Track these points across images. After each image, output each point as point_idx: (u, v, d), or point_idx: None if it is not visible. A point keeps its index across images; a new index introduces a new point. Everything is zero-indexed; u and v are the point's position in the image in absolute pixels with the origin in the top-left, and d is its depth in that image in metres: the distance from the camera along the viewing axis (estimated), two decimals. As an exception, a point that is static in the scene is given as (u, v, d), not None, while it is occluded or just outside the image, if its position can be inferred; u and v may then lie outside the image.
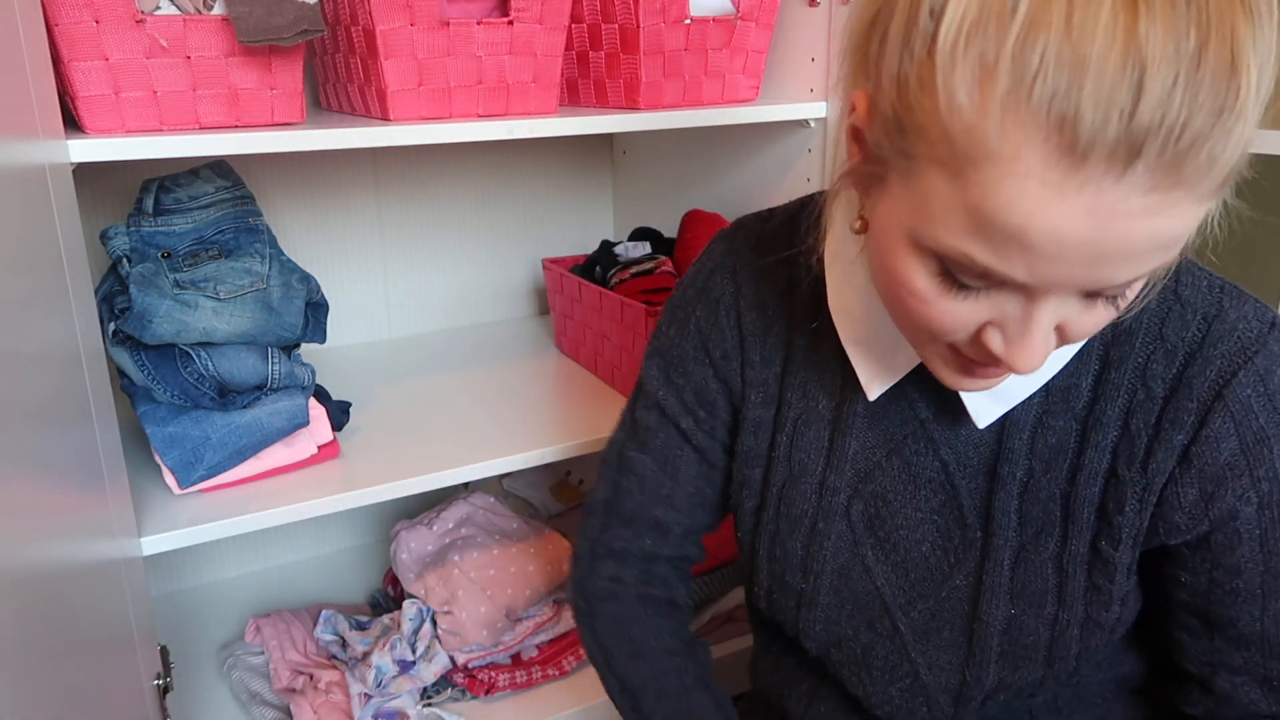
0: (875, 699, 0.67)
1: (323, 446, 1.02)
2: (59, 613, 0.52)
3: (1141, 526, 0.59)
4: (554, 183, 1.55)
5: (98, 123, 0.82)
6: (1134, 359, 0.58)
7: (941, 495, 0.63)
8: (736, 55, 1.11)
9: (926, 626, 0.64)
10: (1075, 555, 0.60)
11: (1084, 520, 0.60)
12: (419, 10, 0.90)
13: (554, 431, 1.10)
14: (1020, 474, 0.61)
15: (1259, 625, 0.59)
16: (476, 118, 0.97)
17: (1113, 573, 0.59)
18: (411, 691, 1.13)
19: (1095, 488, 0.59)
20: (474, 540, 1.25)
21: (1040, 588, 0.61)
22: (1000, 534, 0.61)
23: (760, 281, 0.68)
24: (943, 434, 0.62)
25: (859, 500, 0.65)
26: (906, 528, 0.64)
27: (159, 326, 0.90)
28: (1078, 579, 0.60)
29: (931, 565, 0.64)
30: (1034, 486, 0.60)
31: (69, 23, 0.78)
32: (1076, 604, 0.60)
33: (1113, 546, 0.59)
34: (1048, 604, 0.61)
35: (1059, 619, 0.60)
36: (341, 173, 1.37)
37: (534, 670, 1.20)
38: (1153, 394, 0.57)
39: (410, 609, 1.17)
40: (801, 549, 0.68)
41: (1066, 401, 0.59)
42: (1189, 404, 0.56)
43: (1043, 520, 0.61)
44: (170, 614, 1.35)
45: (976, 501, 0.62)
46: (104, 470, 0.74)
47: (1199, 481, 0.57)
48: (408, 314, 1.48)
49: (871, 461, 0.65)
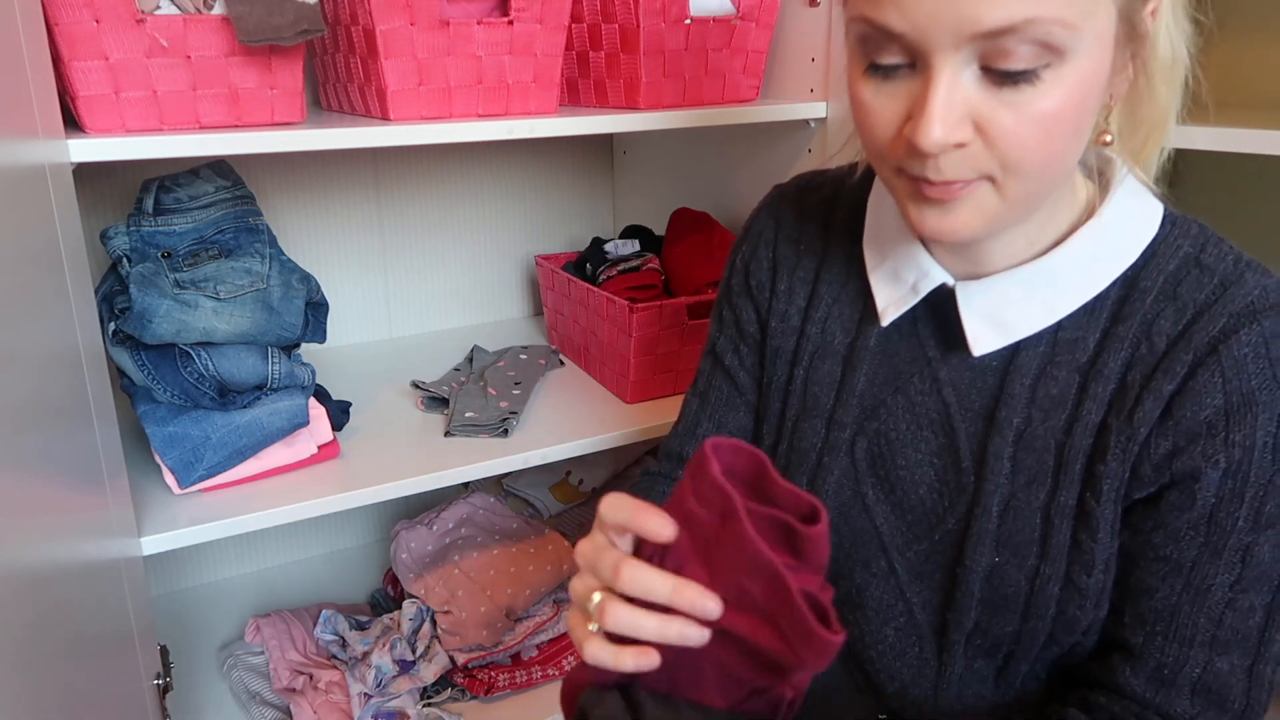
0: (869, 639, 0.67)
1: (323, 446, 1.02)
2: (59, 612, 0.52)
3: (1123, 478, 0.58)
4: (554, 183, 1.55)
5: (98, 122, 0.82)
6: (1143, 314, 0.58)
7: (942, 438, 0.64)
8: (736, 55, 1.11)
9: (921, 568, 0.65)
10: (1063, 508, 0.59)
11: (1075, 472, 0.59)
12: (419, 10, 0.90)
13: (554, 431, 1.10)
14: (1018, 420, 0.61)
15: (1174, 599, 0.57)
16: (476, 118, 0.97)
17: (1095, 529, 0.59)
18: (411, 691, 1.13)
19: (1088, 440, 0.59)
20: (474, 540, 1.25)
21: (1026, 538, 0.60)
22: (992, 479, 0.61)
23: (799, 219, 0.73)
24: (948, 374, 0.63)
25: (863, 438, 0.66)
26: (906, 468, 0.65)
27: (159, 326, 0.90)
28: (1063, 532, 0.59)
29: (928, 508, 0.64)
30: (1030, 434, 0.61)
31: (69, 23, 0.78)
32: (1059, 559, 0.60)
33: (1095, 500, 0.58)
34: (1030, 555, 0.60)
35: (1040, 572, 0.60)
36: (341, 173, 1.37)
37: (534, 670, 1.20)
38: (1154, 348, 0.57)
39: (410, 609, 1.17)
40: (806, 485, 0.68)
41: (1072, 353, 0.60)
42: (1184, 355, 0.56)
43: (1035, 469, 0.60)
44: (170, 614, 1.35)
45: (972, 446, 0.63)
46: (104, 470, 0.74)
47: (1174, 434, 0.56)
48: (408, 314, 1.48)
49: (878, 399, 0.66)
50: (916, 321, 0.65)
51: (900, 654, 0.67)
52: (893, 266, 0.65)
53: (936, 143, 0.50)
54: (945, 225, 0.54)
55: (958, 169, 0.52)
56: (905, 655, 0.66)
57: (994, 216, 0.54)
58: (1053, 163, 0.52)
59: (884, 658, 0.67)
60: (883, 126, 0.54)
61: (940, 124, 0.49)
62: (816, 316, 0.70)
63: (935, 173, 0.52)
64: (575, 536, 1.34)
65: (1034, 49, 0.48)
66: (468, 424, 1.08)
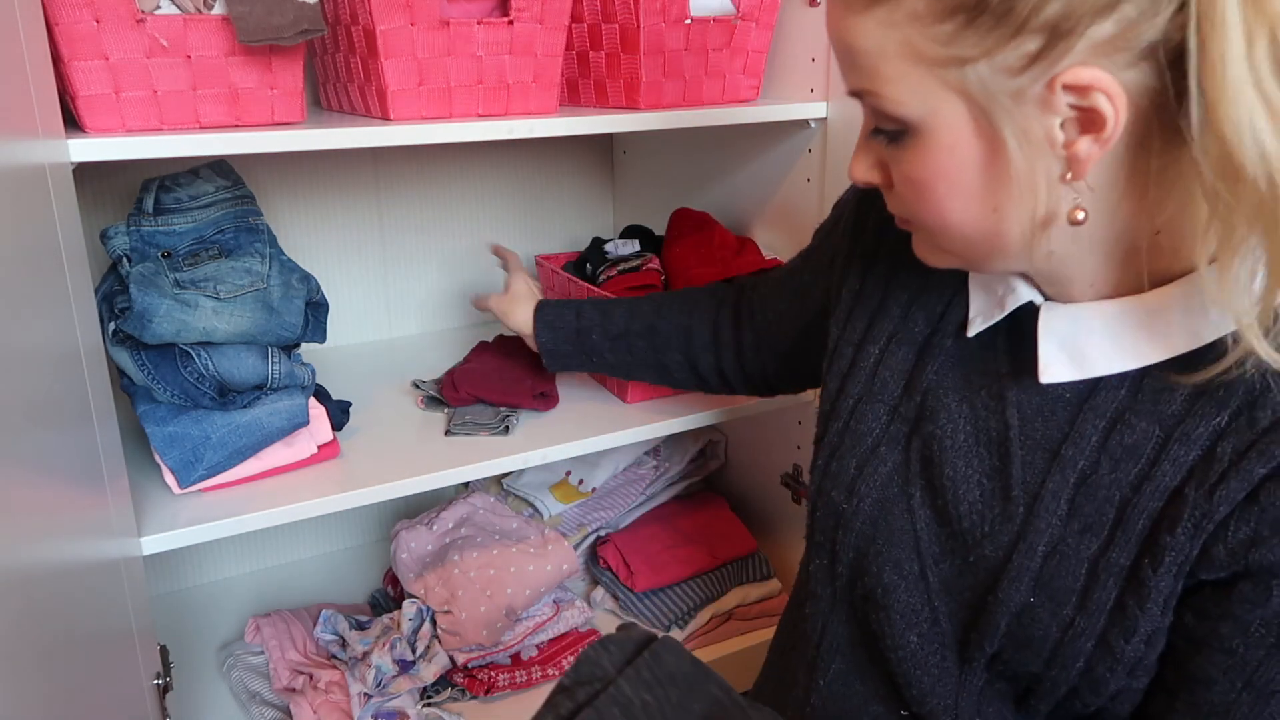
0: (891, 641, 0.66)
1: (323, 446, 1.02)
2: (59, 612, 0.52)
3: (1189, 554, 0.54)
4: (554, 183, 1.55)
5: (98, 122, 0.82)
6: (1247, 384, 0.53)
7: (995, 459, 0.61)
8: (736, 55, 1.11)
9: (953, 583, 0.63)
10: (1111, 565, 0.56)
11: (1135, 532, 0.56)
12: (419, 10, 0.90)
13: (554, 431, 1.10)
14: (1083, 463, 0.58)
15: (1233, 695, 0.54)
16: (476, 117, 0.97)
17: (1145, 597, 0.55)
18: (411, 691, 1.13)
19: (1157, 503, 0.55)
20: (474, 540, 1.25)
21: (1066, 585, 0.58)
22: (1044, 518, 0.58)
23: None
24: (1016, 395, 0.61)
25: (918, 437, 0.65)
26: (953, 480, 0.63)
27: (159, 326, 0.90)
28: (1107, 590, 0.56)
29: (966, 527, 0.62)
30: (1094, 481, 0.57)
31: (69, 22, 0.78)
32: (1097, 615, 0.57)
33: (1153, 568, 0.55)
34: (1068, 605, 0.58)
35: (1074, 624, 0.57)
36: (341, 173, 1.37)
37: (534, 670, 1.20)
38: (1256, 423, 0.53)
39: (410, 609, 1.17)
40: (855, 469, 0.67)
41: (1156, 404, 0.56)
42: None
43: (1092, 518, 0.57)
44: (170, 614, 1.35)
45: (1028, 477, 0.60)
46: (104, 470, 0.74)
47: (1257, 522, 0.52)
48: (408, 314, 1.48)
49: (941, 402, 0.65)
50: (997, 335, 0.63)
51: (921, 661, 0.65)
52: (987, 278, 0.63)
53: (853, 179, 0.59)
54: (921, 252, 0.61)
55: (891, 205, 0.60)
56: (927, 663, 0.65)
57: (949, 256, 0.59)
58: (950, 226, 0.55)
59: (904, 663, 0.66)
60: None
61: (855, 164, 0.59)
62: (903, 298, 0.69)
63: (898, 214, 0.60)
64: (575, 537, 1.34)
65: (885, 117, 0.53)
66: (468, 423, 1.08)
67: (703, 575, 1.33)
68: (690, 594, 1.31)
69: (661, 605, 1.30)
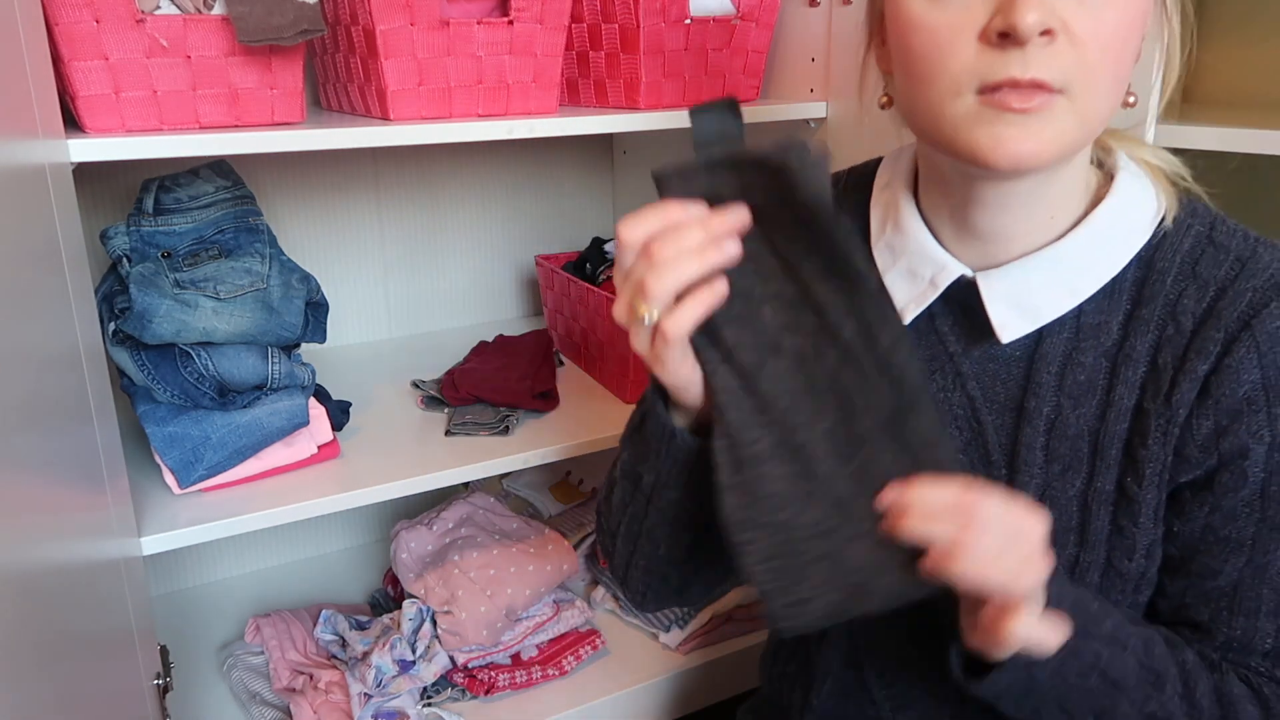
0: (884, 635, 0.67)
1: (323, 446, 1.02)
2: (59, 612, 0.52)
3: (1165, 461, 0.58)
4: (554, 183, 1.55)
5: (98, 122, 0.82)
6: (1165, 295, 0.59)
7: (969, 433, 0.63)
8: (736, 55, 1.11)
9: None
10: (1100, 494, 0.59)
11: (1111, 458, 0.59)
12: (419, 10, 0.90)
13: (554, 431, 1.10)
14: (1048, 409, 0.61)
15: (1236, 575, 0.58)
16: (476, 118, 0.97)
17: (1137, 513, 0.59)
18: (411, 691, 1.13)
19: (1123, 424, 0.59)
20: (474, 540, 1.25)
21: (1064, 526, 0.60)
22: (1025, 471, 0.61)
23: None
24: (970, 367, 0.63)
25: None
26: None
27: (159, 326, 0.90)
28: (1101, 519, 0.59)
29: None
30: (1061, 423, 0.61)
31: (69, 22, 0.78)
32: (1099, 545, 0.60)
33: (1137, 484, 0.59)
34: (1070, 544, 0.60)
35: (1080, 560, 0.60)
36: (341, 173, 1.37)
37: (534, 670, 1.20)
38: (1181, 328, 0.58)
39: (410, 609, 1.17)
40: None
41: (1097, 338, 0.60)
42: (1215, 334, 0.57)
43: (1069, 458, 0.60)
44: (170, 614, 1.35)
45: (1002, 438, 0.62)
46: (104, 470, 0.74)
47: (1214, 413, 0.57)
48: (408, 314, 1.48)
49: None
50: (934, 318, 0.65)
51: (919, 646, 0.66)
52: (907, 264, 0.65)
53: (1033, 24, 0.50)
54: (1026, 146, 0.53)
55: (1046, 67, 0.51)
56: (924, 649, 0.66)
57: (1069, 140, 0.54)
58: (1117, 82, 0.54)
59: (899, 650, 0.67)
60: (956, 39, 0.53)
61: (1035, 7, 0.50)
62: None
63: (1023, 69, 0.51)
64: (575, 537, 1.34)
65: None
66: (468, 423, 1.08)
67: (703, 575, 1.33)
68: (690, 594, 1.31)
69: (661, 605, 1.30)
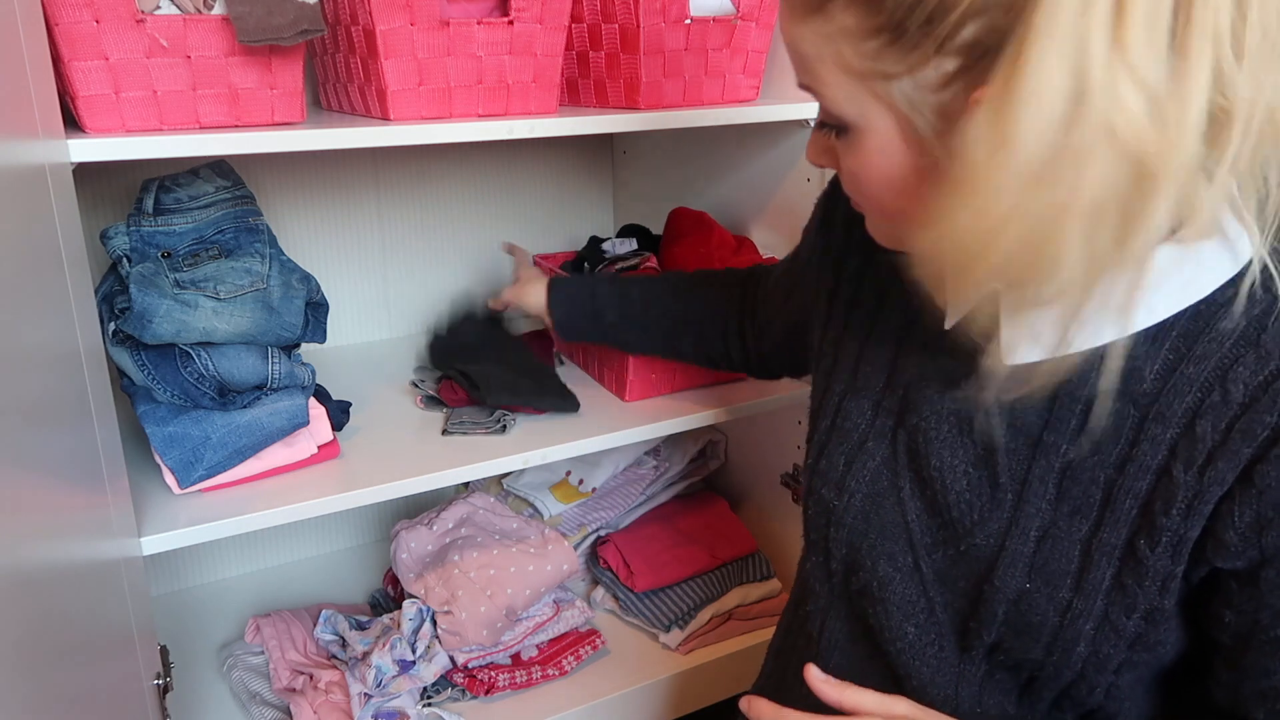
0: (889, 634, 0.67)
1: (323, 446, 1.02)
2: (59, 612, 0.52)
3: (1186, 535, 0.55)
4: (554, 182, 1.55)
5: (98, 122, 0.82)
6: (1219, 358, 0.53)
7: (980, 448, 0.62)
8: (736, 55, 1.11)
9: (947, 573, 0.64)
10: (1105, 545, 0.57)
11: (1123, 512, 0.57)
12: (419, 10, 0.90)
13: (554, 431, 1.10)
14: (1066, 447, 0.58)
15: None
16: (476, 118, 0.97)
17: (1143, 575, 0.56)
18: (411, 691, 1.13)
19: (1143, 482, 0.56)
20: (474, 540, 1.25)
21: (1061, 569, 0.58)
22: (1033, 504, 0.59)
23: None
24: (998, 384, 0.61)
25: (903, 430, 0.66)
26: (939, 470, 0.63)
27: (159, 326, 0.90)
28: (1102, 570, 0.57)
29: (955, 516, 0.63)
30: (1078, 464, 0.58)
31: (69, 23, 0.78)
32: (1095, 596, 0.58)
33: (1150, 547, 0.56)
34: (1064, 587, 0.58)
35: (1071, 606, 0.58)
36: (341, 173, 1.37)
37: (534, 670, 1.20)
38: (1230, 398, 0.53)
39: (410, 609, 1.17)
40: (844, 464, 0.68)
41: (1126, 384, 0.56)
42: (1267, 417, 0.51)
43: (1080, 501, 0.58)
44: (170, 614, 1.35)
45: (1014, 465, 0.60)
46: (104, 470, 0.74)
47: (1259, 505, 0.52)
48: (408, 314, 1.48)
49: (923, 394, 0.65)
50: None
51: (920, 652, 0.66)
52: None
53: (808, 159, 0.62)
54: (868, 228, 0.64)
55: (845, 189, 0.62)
56: (925, 654, 0.66)
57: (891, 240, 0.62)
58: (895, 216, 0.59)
59: (903, 655, 0.67)
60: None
61: (809, 147, 0.62)
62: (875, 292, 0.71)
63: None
64: (575, 537, 1.34)
65: (826, 113, 0.56)
66: (464, 423, 1.08)
67: (703, 575, 1.33)
68: (690, 594, 1.31)
69: (662, 605, 1.30)
